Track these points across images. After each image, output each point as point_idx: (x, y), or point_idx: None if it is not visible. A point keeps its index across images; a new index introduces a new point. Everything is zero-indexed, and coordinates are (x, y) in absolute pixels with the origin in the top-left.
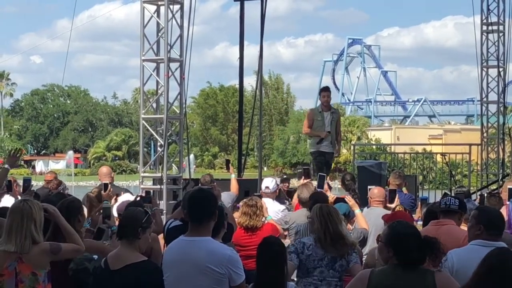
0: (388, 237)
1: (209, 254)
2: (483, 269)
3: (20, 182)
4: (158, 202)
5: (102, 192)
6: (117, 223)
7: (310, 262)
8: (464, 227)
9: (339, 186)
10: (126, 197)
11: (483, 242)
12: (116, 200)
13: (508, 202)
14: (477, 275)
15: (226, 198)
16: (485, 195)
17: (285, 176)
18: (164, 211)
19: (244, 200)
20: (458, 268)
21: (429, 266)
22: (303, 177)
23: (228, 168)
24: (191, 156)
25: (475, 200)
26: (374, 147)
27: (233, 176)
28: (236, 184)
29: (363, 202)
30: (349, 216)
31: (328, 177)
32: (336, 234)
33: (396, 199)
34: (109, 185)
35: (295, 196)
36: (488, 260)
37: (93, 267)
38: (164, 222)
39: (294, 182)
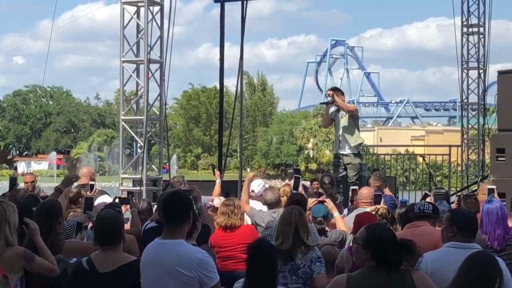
0: (365, 239)
1: (178, 257)
2: (462, 271)
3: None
4: (137, 204)
5: (88, 192)
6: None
7: None
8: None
9: None
10: (103, 199)
11: (457, 244)
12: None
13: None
14: (457, 278)
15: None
16: (461, 196)
17: (314, 177)
18: None
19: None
20: (433, 271)
21: (405, 267)
22: (294, 176)
23: (214, 173)
24: (174, 157)
25: (452, 202)
26: None
27: (218, 181)
28: (219, 190)
29: (345, 203)
30: (328, 218)
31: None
32: (292, 241)
33: (381, 202)
34: (95, 186)
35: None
36: (466, 265)
37: (62, 269)
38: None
39: (277, 183)
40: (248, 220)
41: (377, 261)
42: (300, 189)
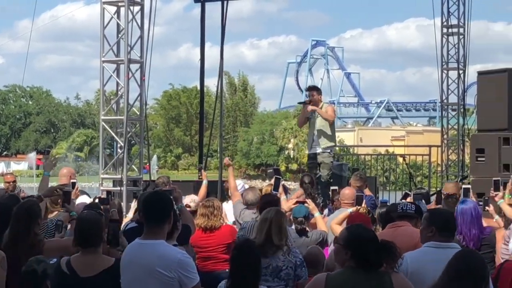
0: (346, 240)
1: (158, 257)
2: (450, 271)
3: None
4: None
5: None
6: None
7: None
8: None
9: None
10: (83, 199)
11: (436, 244)
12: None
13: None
14: (444, 278)
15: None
16: (442, 196)
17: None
18: (124, 213)
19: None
20: (413, 271)
21: (385, 269)
22: (274, 177)
23: (201, 174)
24: (154, 157)
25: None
26: (337, 148)
27: (204, 183)
28: (205, 191)
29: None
30: (308, 219)
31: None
32: (267, 241)
33: (363, 203)
34: (77, 184)
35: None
36: (454, 263)
37: (42, 269)
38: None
39: (258, 183)
40: (228, 214)
41: (357, 261)
42: (280, 189)
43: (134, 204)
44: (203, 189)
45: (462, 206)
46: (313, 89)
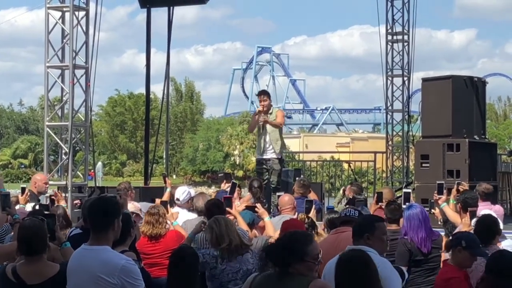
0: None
1: (101, 264)
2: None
3: None
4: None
5: (20, 195)
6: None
7: (224, 276)
8: None
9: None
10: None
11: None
12: None
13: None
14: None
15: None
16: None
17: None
18: None
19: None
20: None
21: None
22: (224, 181)
23: (165, 182)
24: (99, 164)
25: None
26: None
27: (168, 190)
28: (167, 198)
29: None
30: (253, 224)
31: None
32: (237, 245)
33: (312, 210)
34: (27, 189)
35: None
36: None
37: None
38: None
39: (203, 190)
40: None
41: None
42: (235, 194)
43: None
44: (165, 196)
45: (409, 212)
46: (265, 94)
